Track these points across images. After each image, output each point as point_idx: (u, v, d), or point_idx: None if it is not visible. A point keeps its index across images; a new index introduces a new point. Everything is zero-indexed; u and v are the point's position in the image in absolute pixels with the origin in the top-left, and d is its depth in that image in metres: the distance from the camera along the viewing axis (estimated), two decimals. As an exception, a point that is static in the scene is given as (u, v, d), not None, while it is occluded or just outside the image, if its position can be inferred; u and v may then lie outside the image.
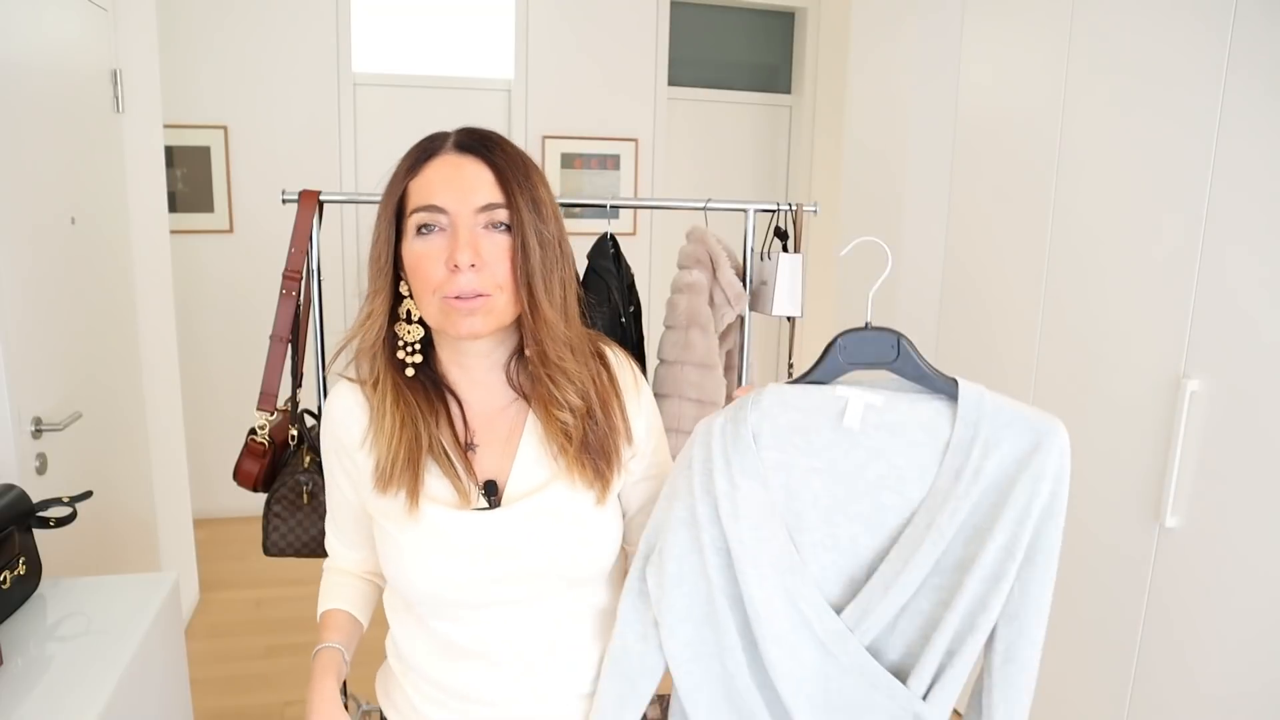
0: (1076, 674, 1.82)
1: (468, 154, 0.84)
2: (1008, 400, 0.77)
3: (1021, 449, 0.75)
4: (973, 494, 0.74)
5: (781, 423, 0.80)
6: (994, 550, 0.73)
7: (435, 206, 0.83)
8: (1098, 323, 1.77)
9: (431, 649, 0.91)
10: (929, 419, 0.77)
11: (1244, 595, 1.43)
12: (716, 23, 4.10)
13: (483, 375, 0.92)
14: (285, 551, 1.53)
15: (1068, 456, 0.75)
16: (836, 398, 0.79)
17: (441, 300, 0.83)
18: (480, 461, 0.90)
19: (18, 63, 1.74)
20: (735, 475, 0.80)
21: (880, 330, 0.79)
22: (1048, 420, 0.76)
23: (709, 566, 0.81)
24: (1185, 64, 1.54)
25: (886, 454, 0.77)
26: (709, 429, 0.82)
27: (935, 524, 0.74)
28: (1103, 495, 1.74)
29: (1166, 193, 1.58)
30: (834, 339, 0.80)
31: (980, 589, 0.74)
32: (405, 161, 0.88)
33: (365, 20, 3.66)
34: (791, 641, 0.78)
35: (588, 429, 0.89)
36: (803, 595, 0.78)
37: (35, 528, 1.29)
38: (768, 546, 0.79)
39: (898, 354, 0.79)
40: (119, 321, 2.30)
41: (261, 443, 1.50)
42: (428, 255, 0.83)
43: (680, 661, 0.83)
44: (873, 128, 2.60)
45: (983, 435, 0.75)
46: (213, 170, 3.52)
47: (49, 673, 1.11)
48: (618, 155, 3.92)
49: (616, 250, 1.74)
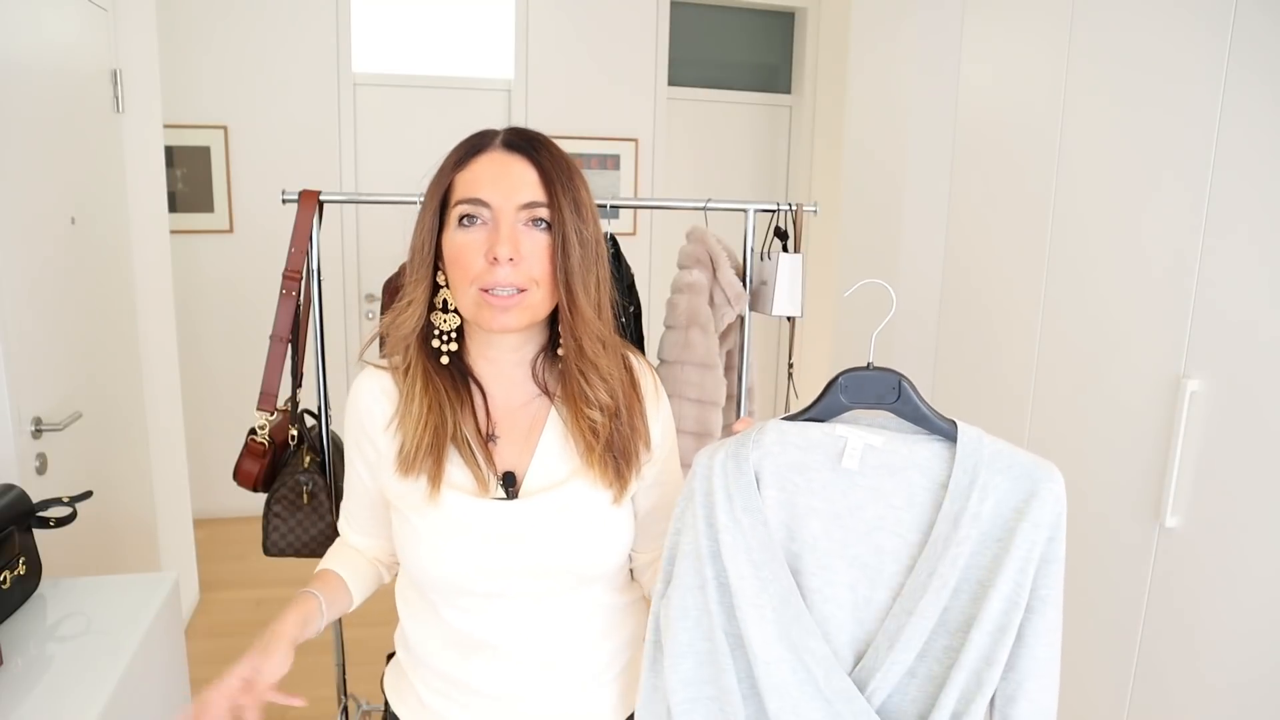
0: (1077, 674, 1.82)
1: (515, 153, 0.87)
2: (1006, 445, 0.76)
3: (1019, 495, 0.74)
4: (972, 539, 0.73)
5: (782, 461, 0.80)
6: (997, 601, 0.72)
7: (479, 200, 0.84)
8: (1098, 323, 1.77)
9: (441, 640, 0.93)
10: (927, 461, 0.77)
11: (1244, 595, 1.43)
12: (716, 23, 4.10)
13: (509, 369, 0.94)
14: (285, 551, 1.53)
15: (1064, 503, 0.75)
16: (836, 437, 0.79)
17: (478, 293, 0.85)
18: (500, 453, 0.92)
19: (18, 63, 1.74)
20: (737, 512, 0.79)
21: (882, 371, 0.79)
22: (1044, 466, 0.75)
23: (710, 601, 0.80)
24: (1185, 63, 1.54)
25: (884, 495, 0.77)
26: (710, 464, 0.81)
27: (937, 572, 0.73)
28: (1103, 495, 1.74)
29: (1166, 192, 1.58)
30: (835, 378, 0.80)
31: (986, 642, 0.73)
32: (453, 155, 0.89)
33: (365, 20, 3.66)
34: (795, 696, 0.76)
35: (614, 429, 0.91)
36: (808, 648, 0.76)
37: (35, 528, 1.29)
38: (770, 589, 0.77)
39: (899, 395, 0.78)
40: (119, 321, 2.30)
41: (261, 443, 1.50)
42: (468, 246, 0.85)
43: (680, 700, 0.82)
44: (873, 128, 2.60)
45: (980, 480, 0.74)
46: (213, 170, 3.52)
47: (49, 673, 1.11)
48: (618, 155, 3.92)
49: (617, 250, 1.74)
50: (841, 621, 0.77)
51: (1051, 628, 0.74)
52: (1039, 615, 0.74)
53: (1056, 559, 0.74)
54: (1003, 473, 0.74)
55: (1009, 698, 0.74)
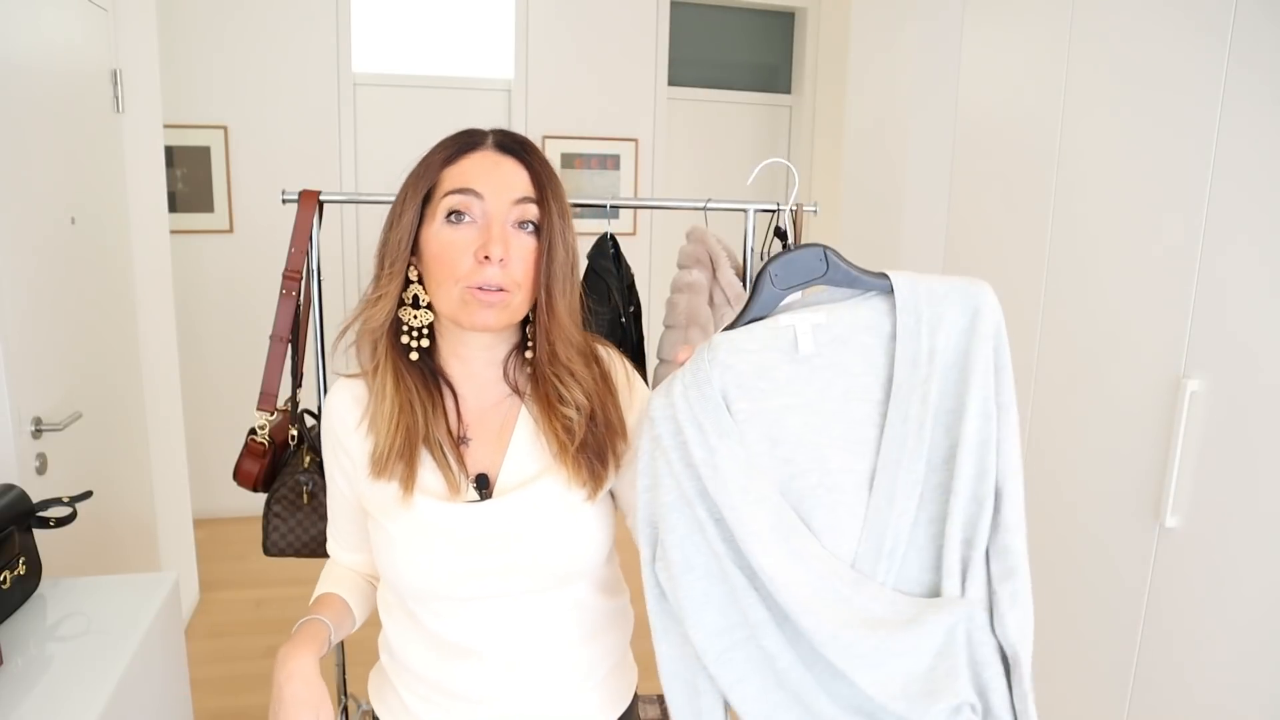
0: (1076, 674, 1.82)
1: (507, 154, 0.87)
2: (936, 277, 0.78)
3: (965, 317, 0.76)
4: (934, 374, 0.74)
5: (742, 370, 0.78)
6: (974, 419, 0.74)
7: (473, 190, 0.84)
8: (1098, 323, 1.77)
9: (421, 645, 0.92)
10: (872, 319, 0.77)
11: (1244, 595, 1.43)
12: (716, 23, 4.10)
13: (480, 369, 0.93)
14: (285, 551, 1.53)
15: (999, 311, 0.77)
16: (784, 328, 0.78)
17: (465, 290, 0.84)
18: (472, 455, 0.91)
19: (18, 63, 1.74)
20: (710, 439, 0.76)
21: (805, 247, 0.79)
22: (975, 283, 0.77)
23: (713, 541, 0.77)
24: (1185, 64, 1.54)
25: (844, 366, 0.77)
26: (670, 402, 0.78)
27: (910, 415, 0.74)
28: (1103, 495, 1.74)
29: (1166, 192, 1.58)
30: (762, 268, 0.80)
31: (974, 460, 0.74)
32: (442, 150, 0.88)
33: (365, 20, 3.66)
34: (819, 606, 0.74)
35: (589, 431, 0.89)
36: (812, 554, 0.74)
37: (35, 528, 1.29)
38: (761, 510, 0.75)
39: (827, 266, 0.79)
40: (119, 321, 2.30)
41: (261, 443, 1.50)
42: (455, 244, 0.84)
43: (715, 654, 0.78)
44: (873, 128, 2.60)
45: (925, 316, 0.75)
46: (213, 170, 3.52)
47: (49, 673, 1.11)
48: (618, 155, 3.92)
49: (616, 250, 1.74)
50: (850, 505, 0.76)
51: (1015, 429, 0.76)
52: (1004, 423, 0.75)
53: (1005, 366, 0.76)
54: (942, 301, 0.76)
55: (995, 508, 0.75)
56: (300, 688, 0.84)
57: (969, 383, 0.74)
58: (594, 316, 1.64)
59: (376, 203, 1.66)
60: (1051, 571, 1.88)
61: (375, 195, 1.65)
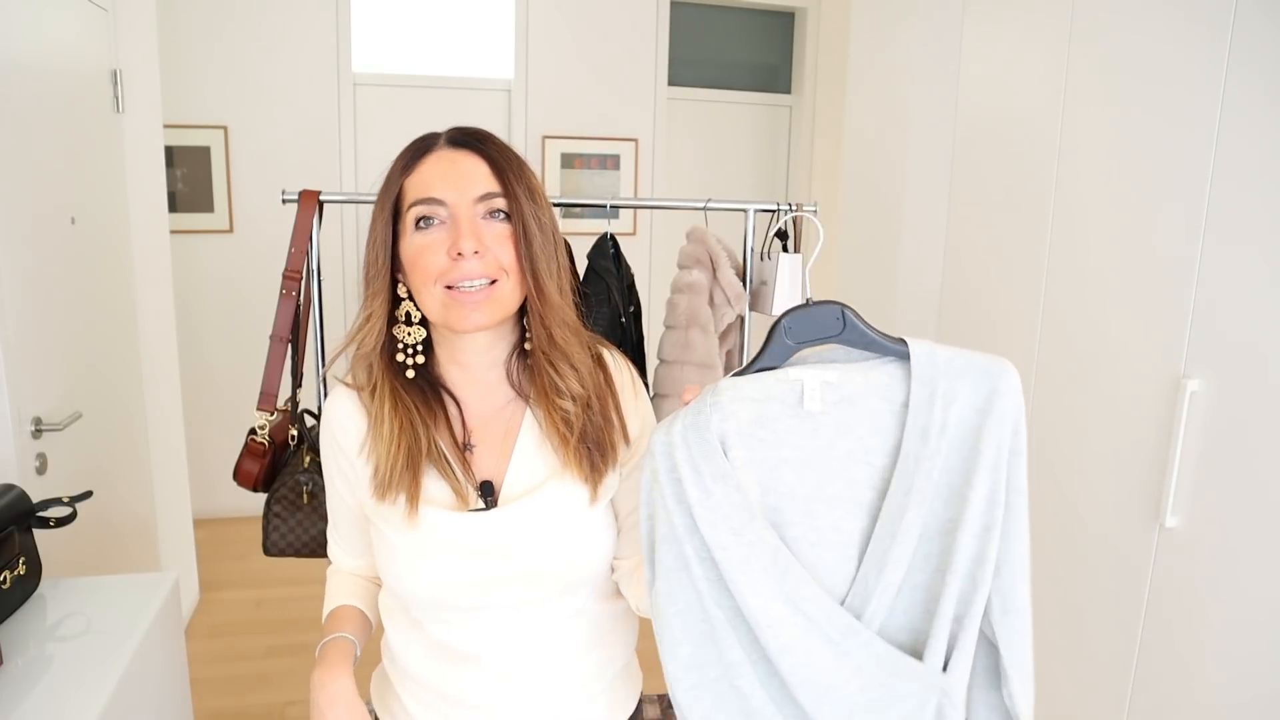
0: (1076, 674, 1.82)
1: (461, 149, 0.86)
2: (957, 350, 0.76)
3: (981, 395, 0.74)
4: (942, 449, 0.73)
5: (744, 419, 0.78)
6: (978, 503, 0.73)
7: (434, 199, 0.84)
8: (1098, 322, 1.77)
9: (425, 652, 0.91)
10: (885, 384, 0.76)
11: (1244, 595, 1.43)
12: (716, 23, 4.10)
13: (481, 374, 0.92)
14: (285, 551, 1.53)
15: (1021, 395, 0.75)
16: (791, 382, 0.78)
17: (444, 292, 0.83)
18: (477, 462, 0.91)
19: (18, 63, 1.74)
20: (707, 482, 0.77)
21: (823, 304, 0.78)
22: (997, 363, 0.75)
23: (697, 579, 0.78)
24: (1185, 63, 1.54)
25: (850, 428, 0.76)
26: (669, 440, 0.79)
27: (914, 489, 0.73)
28: (1103, 495, 1.74)
29: (1167, 192, 1.58)
30: (777, 320, 0.79)
31: (975, 545, 0.73)
32: (399, 161, 0.89)
33: (365, 20, 3.66)
34: (803, 648, 0.75)
35: (587, 420, 0.89)
36: (804, 596, 0.75)
37: (35, 528, 1.29)
38: (756, 551, 0.76)
39: (844, 325, 0.77)
40: (119, 321, 2.30)
41: (261, 443, 1.50)
42: (428, 247, 0.84)
43: (685, 688, 0.80)
44: (873, 128, 2.60)
45: (940, 390, 0.74)
46: (213, 170, 3.52)
47: (49, 673, 1.11)
48: (618, 155, 3.92)
49: (616, 250, 1.74)
50: (830, 562, 0.77)
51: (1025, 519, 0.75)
52: (1018, 508, 0.74)
53: (1021, 451, 0.74)
54: (960, 378, 0.74)
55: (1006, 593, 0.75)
56: (344, 712, 0.84)
57: (977, 464, 0.73)
58: (594, 316, 1.64)
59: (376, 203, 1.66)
60: (1052, 571, 1.88)
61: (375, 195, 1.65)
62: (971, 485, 0.73)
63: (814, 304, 0.78)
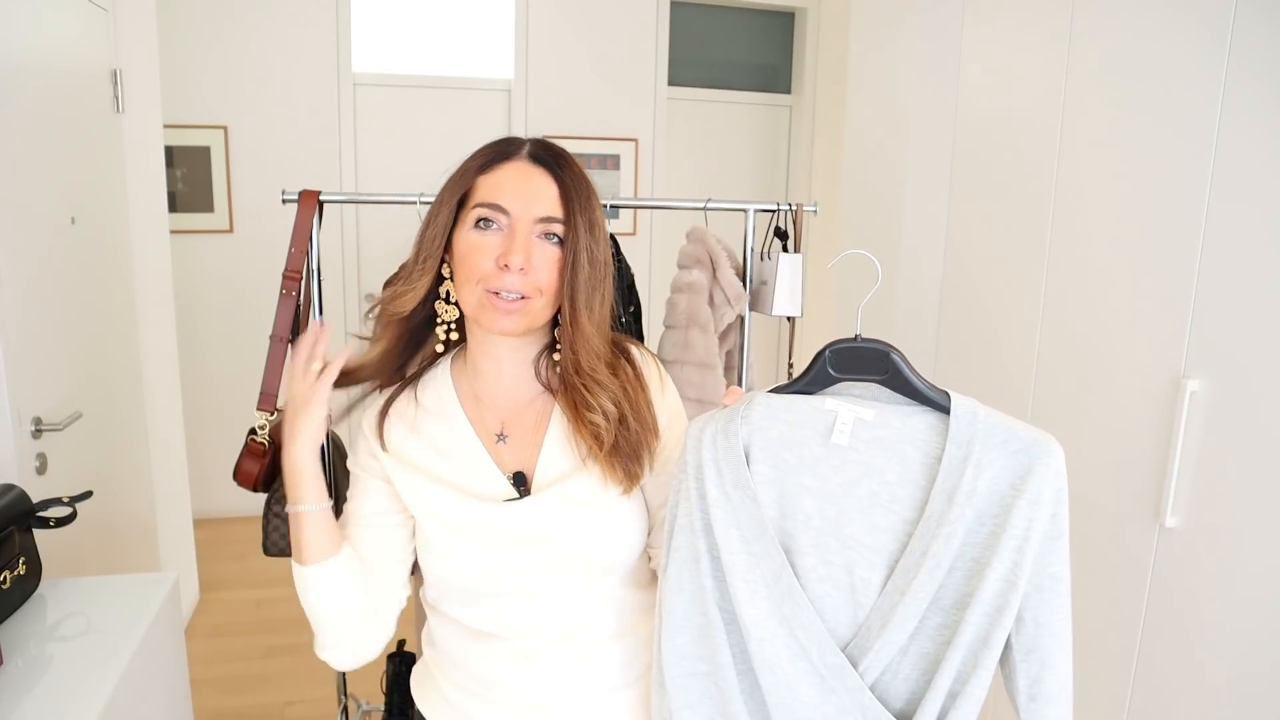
0: (1076, 674, 1.82)
1: (539, 165, 0.89)
2: (1002, 417, 0.73)
3: (1015, 471, 0.71)
4: (966, 517, 0.71)
5: (771, 436, 0.78)
6: (994, 582, 0.70)
7: (500, 207, 0.86)
8: (1098, 322, 1.77)
9: (463, 638, 0.94)
10: (922, 435, 0.74)
11: (1244, 595, 1.43)
12: (716, 23, 4.10)
13: (511, 367, 0.95)
14: (285, 551, 1.52)
15: (1064, 477, 0.72)
16: (826, 411, 0.76)
17: (483, 293, 0.87)
18: (509, 452, 0.94)
19: (18, 63, 1.74)
20: (727, 486, 0.78)
21: (871, 343, 0.76)
22: (1042, 440, 0.72)
23: (704, 575, 0.79)
24: (1185, 63, 1.54)
25: (878, 470, 0.74)
26: (699, 438, 0.80)
27: (930, 551, 0.71)
28: (1103, 495, 1.74)
29: (1167, 192, 1.58)
30: (822, 349, 0.78)
31: (983, 623, 0.70)
32: (479, 157, 0.90)
33: (365, 20, 3.66)
34: (788, 672, 0.74)
35: (620, 435, 0.91)
36: (801, 624, 0.75)
37: (35, 528, 1.29)
38: (761, 565, 0.76)
39: (888, 369, 0.75)
40: (119, 321, 2.30)
41: (261, 443, 1.50)
42: (480, 248, 0.87)
43: (674, 675, 0.81)
44: (873, 128, 2.60)
45: (975, 455, 0.71)
46: (213, 170, 3.52)
47: (49, 673, 1.11)
48: (618, 155, 3.91)
49: (617, 250, 1.73)
50: (837, 602, 0.75)
51: (1066, 604, 0.72)
52: (1052, 593, 0.71)
53: (1061, 535, 0.71)
54: (998, 447, 0.72)
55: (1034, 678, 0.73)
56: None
57: (1000, 541, 0.70)
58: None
59: (376, 203, 1.66)
60: (1051, 571, 1.88)
61: (375, 195, 1.65)
62: (990, 563, 0.70)
63: (863, 341, 0.76)
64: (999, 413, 0.74)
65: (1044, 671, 0.72)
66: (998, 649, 0.71)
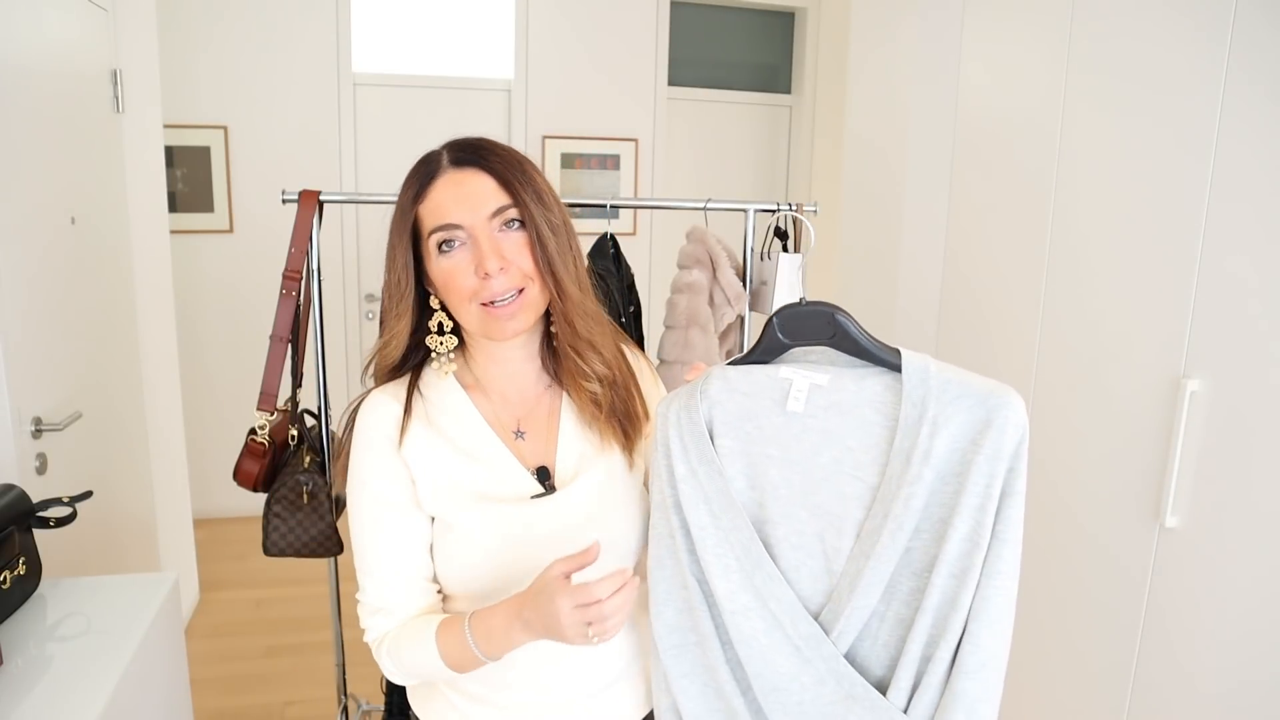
0: (1076, 674, 1.82)
1: (465, 167, 0.88)
2: (956, 372, 0.70)
3: (973, 426, 0.67)
4: (926, 477, 0.68)
5: (730, 409, 0.77)
6: (957, 542, 0.67)
7: (450, 224, 0.86)
8: (1098, 323, 1.77)
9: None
10: (880, 396, 0.72)
11: (1244, 595, 1.43)
12: (716, 23, 4.10)
13: (519, 366, 0.96)
14: (285, 551, 1.53)
15: (1023, 429, 0.67)
16: (780, 380, 0.75)
17: (480, 308, 0.87)
18: (529, 448, 0.94)
19: (18, 63, 1.74)
20: (694, 463, 0.78)
21: (815, 305, 0.75)
22: (999, 392, 0.68)
23: (679, 550, 0.79)
24: (1185, 64, 1.54)
25: (839, 436, 0.72)
26: (665, 414, 0.80)
27: (891, 514, 0.69)
28: (1103, 495, 1.74)
29: (1166, 192, 1.58)
30: (770, 317, 0.78)
31: (949, 585, 0.68)
32: (408, 190, 0.90)
33: (365, 20, 3.66)
34: (764, 644, 0.74)
35: (614, 396, 0.94)
36: (773, 595, 0.74)
37: (35, 528, 1.29)
38: (731, 539, 0.75)
39: (834, 331, 0.74)
40: (119, 321, 2.30)
41: (261, 443, 1.50)
42: (456, 269, 0.87)
43: (667, 647, 0.81)
44: (873, 128, 2.60)
45: (930, 413, 0.69)
46: (213, 170, 3.51)
47: (49, 673, 1.11)
48: (618, 155, 3.91)
49: (616, 250, 1.74)
50: (813, 570, 0.74)
51: (1004, 569, 0.67)
52: (992, 553, 0.67)
53: (1016, 493, 0.67)
54: (954, 403, 0.69)
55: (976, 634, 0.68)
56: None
57: (960, 501, 0.67)
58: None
59: (376, 203, 1.66)
60: (1051, 571, 1.88)
61: (375, 195, 1.65)
62: (953, 523, 0.67)
63: (807, 304, 0.76)
64: (953, 368, 0.71)
65: (976, 639, 0.67)
66: (965, 610, 0.68)
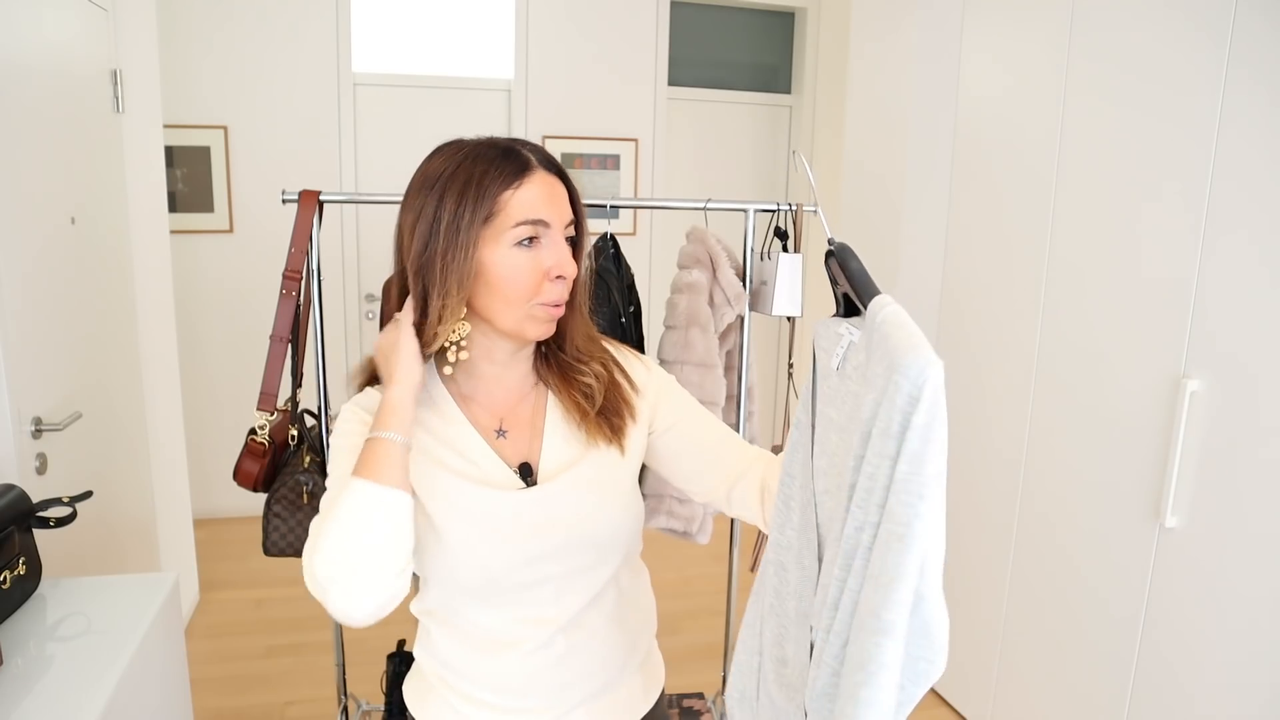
0: (1076, 674, 1.82)
1: (552, 173, 0.91)
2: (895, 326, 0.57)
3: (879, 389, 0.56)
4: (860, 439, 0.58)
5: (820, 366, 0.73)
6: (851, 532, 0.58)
7: (544, 221, 0.88)
8: (1098, 323, 1.77)
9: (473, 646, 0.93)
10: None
11: (1244, 595, 1.43)
12: (716, 23, 4.10)
13: (513, 366, 0.97)
14: (285, 551, 1.53)
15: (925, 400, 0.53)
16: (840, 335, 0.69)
17: (537, 307, 0.88)
18: (511, 446, 0.95)
19: (18, 63, 1.74)
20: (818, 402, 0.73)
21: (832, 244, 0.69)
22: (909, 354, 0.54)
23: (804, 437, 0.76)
24: (1185, 63, 1.54)
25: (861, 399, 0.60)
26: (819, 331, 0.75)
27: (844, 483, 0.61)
28: (1103, 495, 1.74)
29: (1166, 192, 1.58)
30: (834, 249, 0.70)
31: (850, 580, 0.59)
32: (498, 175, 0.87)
33: (365, 20, 3.66)
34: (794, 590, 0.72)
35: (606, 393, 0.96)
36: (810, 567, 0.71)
37: (35, 528, 1.29)
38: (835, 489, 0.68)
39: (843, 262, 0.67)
40: (119, 321, 2.30)
41: (261, 443, 1.50)
42: (527, 266, 0.87)
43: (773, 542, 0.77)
44: (873, 128, 2.60)
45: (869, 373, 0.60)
46: (213, 170, 3.51)
47: (49, 673, 1.11)
48: (618, 155, 3.91)
49: (616, 250, 1.74)
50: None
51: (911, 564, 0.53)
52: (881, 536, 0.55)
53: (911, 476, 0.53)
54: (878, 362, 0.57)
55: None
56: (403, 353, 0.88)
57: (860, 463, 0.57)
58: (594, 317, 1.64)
59: (376, 203, 1.66)
60: (1051, 571, 1.88)
61: (375, 195, 1.66)
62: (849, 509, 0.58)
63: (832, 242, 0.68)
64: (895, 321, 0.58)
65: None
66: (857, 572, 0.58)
